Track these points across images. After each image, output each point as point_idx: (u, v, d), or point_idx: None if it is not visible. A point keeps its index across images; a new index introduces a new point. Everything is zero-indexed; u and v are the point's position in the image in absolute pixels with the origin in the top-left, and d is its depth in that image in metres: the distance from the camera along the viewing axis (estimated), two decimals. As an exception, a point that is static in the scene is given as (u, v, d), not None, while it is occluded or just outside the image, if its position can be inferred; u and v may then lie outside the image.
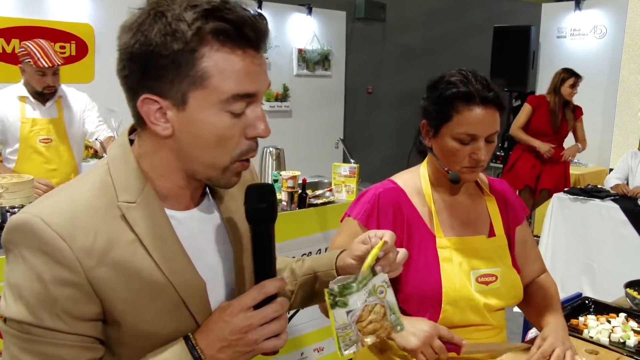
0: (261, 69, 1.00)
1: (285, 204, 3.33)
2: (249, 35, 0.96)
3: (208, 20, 0.93)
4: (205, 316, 1.05)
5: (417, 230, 1.66)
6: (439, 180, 1.72)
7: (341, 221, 1.74)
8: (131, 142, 1.06)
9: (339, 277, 1.20)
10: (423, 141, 1.71)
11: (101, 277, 0.96)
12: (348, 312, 1.16)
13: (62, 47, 5.27)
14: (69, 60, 5.29)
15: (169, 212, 1.05)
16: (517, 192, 5.47)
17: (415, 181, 1.73)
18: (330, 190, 3.62)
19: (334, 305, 1.15)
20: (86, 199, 0.98)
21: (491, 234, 1.75)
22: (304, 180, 3.42)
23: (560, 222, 4.73)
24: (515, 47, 7.17)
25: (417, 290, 1.62)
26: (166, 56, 0.93)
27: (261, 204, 1.04)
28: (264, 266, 1.05)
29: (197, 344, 1.00)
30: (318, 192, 3.59)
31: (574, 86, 5.25)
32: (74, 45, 5.33)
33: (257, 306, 1.00)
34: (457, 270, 1.64)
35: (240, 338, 0.99)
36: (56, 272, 0.93)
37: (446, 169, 1.63)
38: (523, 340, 1.98)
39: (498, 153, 7.50)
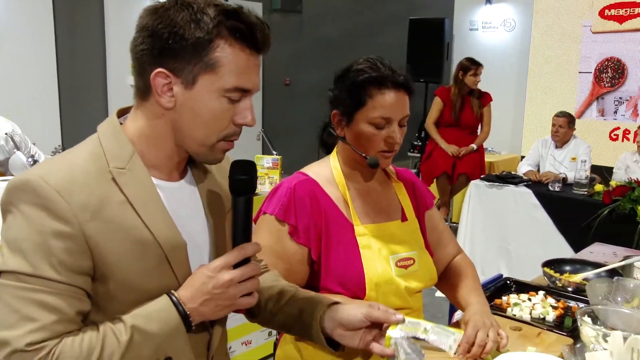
0: (258, 71, 1.16)
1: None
2: (258, 39, 1.12)
3: (227, 18, 1.09)
4: (185, 275, 1.15)
5: (335, 220, 1.66)
6: (352, 169, 1.73)
7: (254, 221, 1.69)
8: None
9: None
10: (334, 132, 1.72)
11: (95, 230, 1.05)
12: None
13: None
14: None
15: (154, 180, 1.16)
16: (435, 180, 5.61)
17: (325, 172, 1.73)
18: (254, 182, 3.57)
19: None
20: (80, 164, 1.09)
21: (404, 218, 1.78)
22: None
23: (478, 208, 4.88)
24: (430, 39, 7.35)
25: (340, 279, 1.62)
26: (187, 39, 1.07)
27: (243, 175, 1.18)
28: (243, 231, 1.17)
29: (181, 299, 1.11)
30: (241, 184, 3.53)
31: (476, 75, 5.41)
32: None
33: (235, 266, 1.13)
34: (377, 256, 1.65)
35: (223, 292, 1.12)
36: (54, 226, 1.03)
37: (363, 154, 1.64)
38: (449, 324, 2.02)
39: (415, 143, 7.66)
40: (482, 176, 5.09)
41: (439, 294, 3.33)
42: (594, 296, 1.84)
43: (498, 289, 2.10)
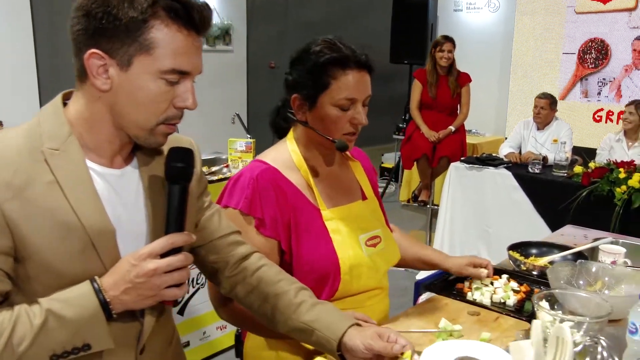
0: (198, 52, 1.14)
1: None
2: (195, 19, 1.09)
3: None
4: (113, 262, 1.12)
5: (302, 207, 1.62)
6: (314, 153, 1.68)
7: None
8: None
9: None
10: (292, 116, 1.66)
11: (15, 209, 1.04)
12: None
13: None
14: None
15: (91, 164, 1.14)
16: (415, 163, 5.57)
17: (284, 157, 1.66)
18: (227, 166, 3.55)
19: None
20: (13, 141, 1.09)
21: (364, 197, 1.77)
22: (198, 156, 3.31)
23: (458, 191, 4.85)
24: (414, 20, 7.26)
25: (315, 267, 1.59)
26: (120, 20, 1.04)
27: (178, 163, 1.16)
28: (175, 221, 1.15)
29: (102, 286, 1.08)
30: (214, 168, 3.51)
31: (442, 50, 5.34)
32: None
33: (164, 256, 1.11)
34: (348, 239, 1.63)
35: (145, 282, 1.09)
36: None
37: (331, 138, 1.60)
38: (415, 304, 2.00)
39: (400, 125, 7.61)
40: (462, 158, 5.05)
41: (419, 276, 3.32)
42: (555, 280, 1.81)
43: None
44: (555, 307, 1.66)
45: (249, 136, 3.62)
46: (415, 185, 6.25)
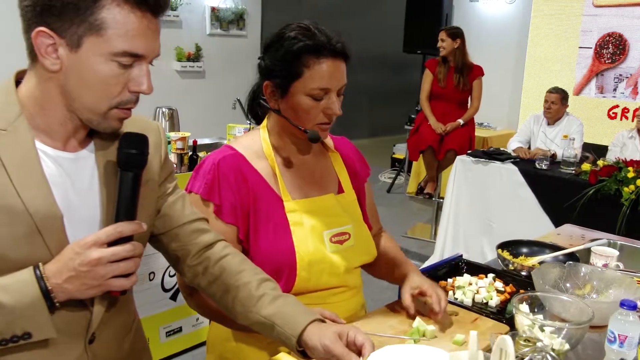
0: (155, 35, 1.08)
1: (175, 166, 3.20)
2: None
3: None
4: (61, 248, 1.07)
5: (264, 196, 1.57)
6: (286, 142, 1.63)
7: None
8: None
9: None
10: (265, 103, 1.61)
11: None
12: None
13: None
14: None
15: (41, 146, 1.10)
16: (421, 154, 5.49)
17: (255, 145, 1.62)
18: (225, 151, 3.51)
19: None
20: None
21: (340, 190, 1.70)
22: (195, 141, 3.29)
23: (463, 184, 4.76)
24: (429, 10, 7.16)
25: (271, 259, 1.54)
26: None
27: (131, 149, 1.12)
28: (126, 209, 1.11)
29: (45, 273, 1.04)
30: (212, 154, 3.47)
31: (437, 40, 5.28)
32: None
33: (111, 245, 1.06)
34: (310, 234, 1.57)
35: (89, 270, 1.04)
36: None
37: (302, 128, 1.55)
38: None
39: (412, 116, 7.53)
40: (468, 151, 4.95)
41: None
42: (540, 282, 1.75)
43: (452, 268, 2.02)
44: (537, 310, 1.61)
45: (249, 122, 3.57)
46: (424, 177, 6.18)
